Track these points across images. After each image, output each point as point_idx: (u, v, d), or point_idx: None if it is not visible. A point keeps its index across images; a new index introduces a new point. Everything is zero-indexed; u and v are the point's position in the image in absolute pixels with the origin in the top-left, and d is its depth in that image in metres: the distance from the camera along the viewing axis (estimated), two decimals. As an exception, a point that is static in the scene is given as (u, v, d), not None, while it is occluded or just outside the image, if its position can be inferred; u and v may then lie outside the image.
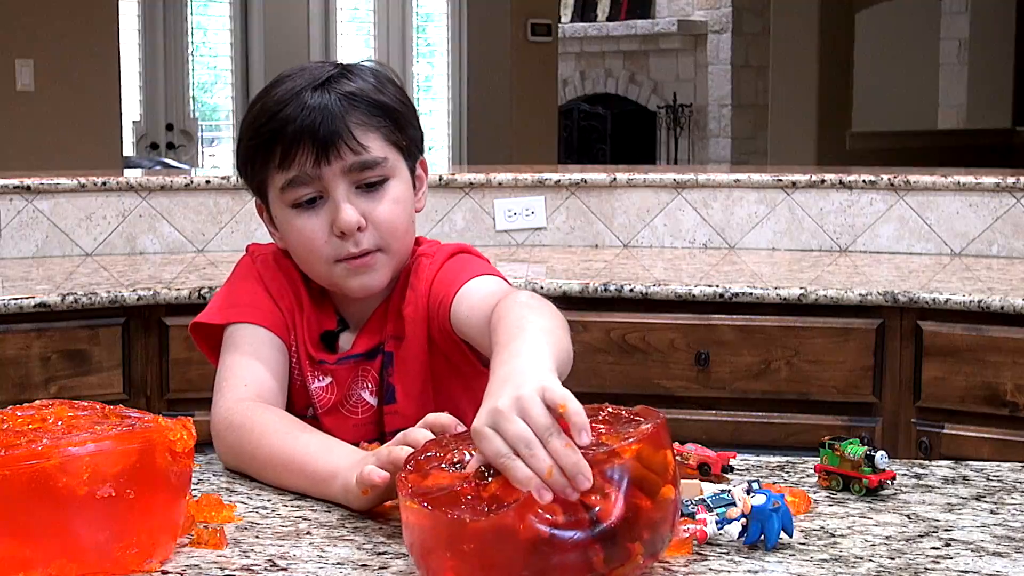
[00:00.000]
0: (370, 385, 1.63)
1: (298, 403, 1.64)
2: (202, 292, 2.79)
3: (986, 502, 1.39)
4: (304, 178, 1.55)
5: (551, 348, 1.29)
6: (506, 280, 1.64)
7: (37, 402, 1.25)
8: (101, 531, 1.14)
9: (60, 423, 1.19)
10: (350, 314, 1.66)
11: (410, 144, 1.62)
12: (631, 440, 1.13)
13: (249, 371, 1.56)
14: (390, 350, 1.62)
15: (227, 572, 1.18)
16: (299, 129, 1.53)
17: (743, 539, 1.23)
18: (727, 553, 1.22)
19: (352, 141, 1.54)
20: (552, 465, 1.08)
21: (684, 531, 1.22)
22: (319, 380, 1.64)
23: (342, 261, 1.57)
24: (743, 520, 1.23)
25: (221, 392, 1.55)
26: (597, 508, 1.08)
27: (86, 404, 1.25)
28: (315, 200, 1.57)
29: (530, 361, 1.22)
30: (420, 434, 1.27)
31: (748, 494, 1.25)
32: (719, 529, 1.24)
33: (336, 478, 1.34)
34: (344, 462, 1.35)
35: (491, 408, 1.12)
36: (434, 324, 1.60)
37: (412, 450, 1.23)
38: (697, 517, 1.26)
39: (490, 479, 1.11)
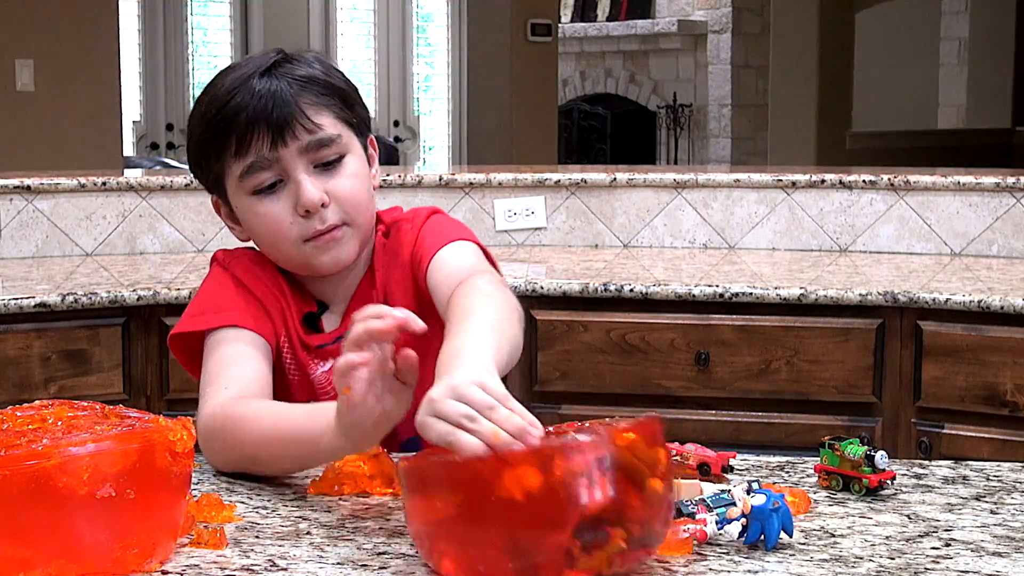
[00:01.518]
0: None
1: (299, 398, 1.63)
2: (202, 292, 2.79)
3: (986, 502, 1.39)
4: (262, 162, 1.57)
5: (494, 343, 1.31)
6: (478, 243, 1.65)
7: (37, 402, 1.25)
8: (101, 531, 1.14)
9: (60, 423, 1.19)
10: (328, 295, 1.67)
11: (360, 122, 1.64)
12: (622, 428, 1.14)
13: (229, 373, 1.55)
14: None
15: (227, 572, 1.18)
16: (252, 115, 1.55)
17: (743, 539, 1.23)
18: (727, 553, 1.22)
19: (306, 120, 1.56)
20: (497, 430, 1.11)
21: (684, 531, 1.22)
22: (321, 366, 1.64)
23: (310, 240, 1.59)
24: (743, 520, 1.23)
25: (204, 398, 1.54)
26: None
27: (86, 404, 1.25)
28: (275, 184, 1.58)
29: (470, 359, 1.24)
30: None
31: (748, 494, 1.25)
32: (719, 529, 1.24)
33: (329, 429, 1.31)
34: (334, 412, 1.33)
35: (427, 399, 1.16)
36: (419, 286, 1.63)
37: (373, 326, 1.21)
38: (697, 517, 1.26)
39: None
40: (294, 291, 1.66)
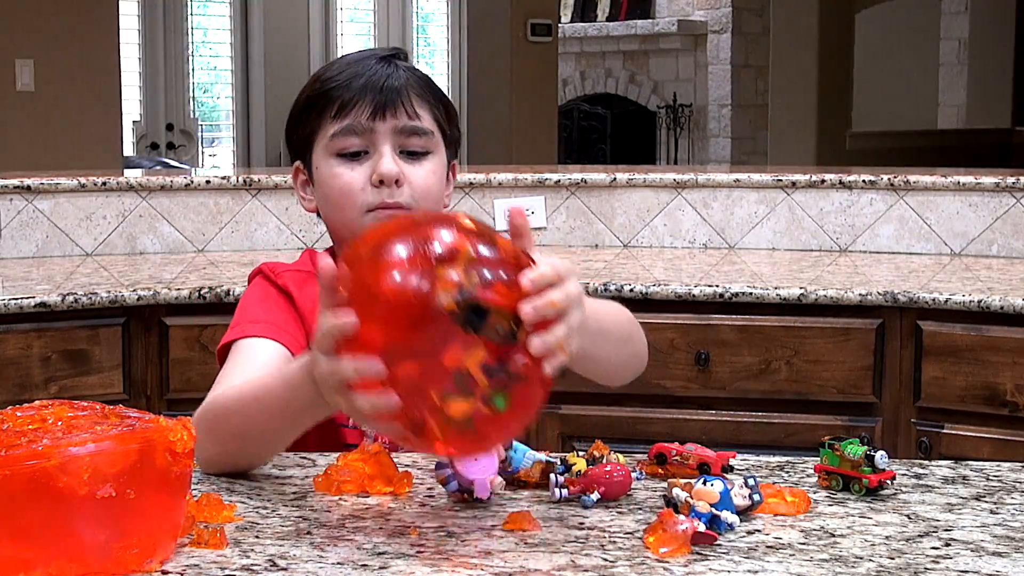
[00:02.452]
0: None
1: (340, 415, 1.59)
2: (202, 292, 2.79)
3: (986, 502, 1.39)
4: (357, 127, 1.64)
5: None
6: None
7: (37, 402, 1.25)
8: (101, 531, 1.14)
9: (60, 423, 1.19)
10: None
11: (454, 138, 1.73)
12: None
13: (235, 372, 1.56)
14: None
15: (227, 572, 1.18)
16: (365, 84, 1.64)
17: (719, 527, 1.25)
18: (727, 553, 1.23)
19: (409, 106, 1.65)
20: None
21: (681, 529, 1.23)
22: None
23: (374, 211, 1.64)
24: (716, 510, 1.25)
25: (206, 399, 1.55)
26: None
27: (86, 404, 1.25)
28: (360, 154, 1.65)
29: None
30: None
31: (706, 484, 1.27)
32: (709, 525, 1.25)
33: (309, 372, 1.30)
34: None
35: None
36: None
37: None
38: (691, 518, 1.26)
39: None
40: None
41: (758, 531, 1.29)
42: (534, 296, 1.19)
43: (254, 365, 1.57)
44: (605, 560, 1.21)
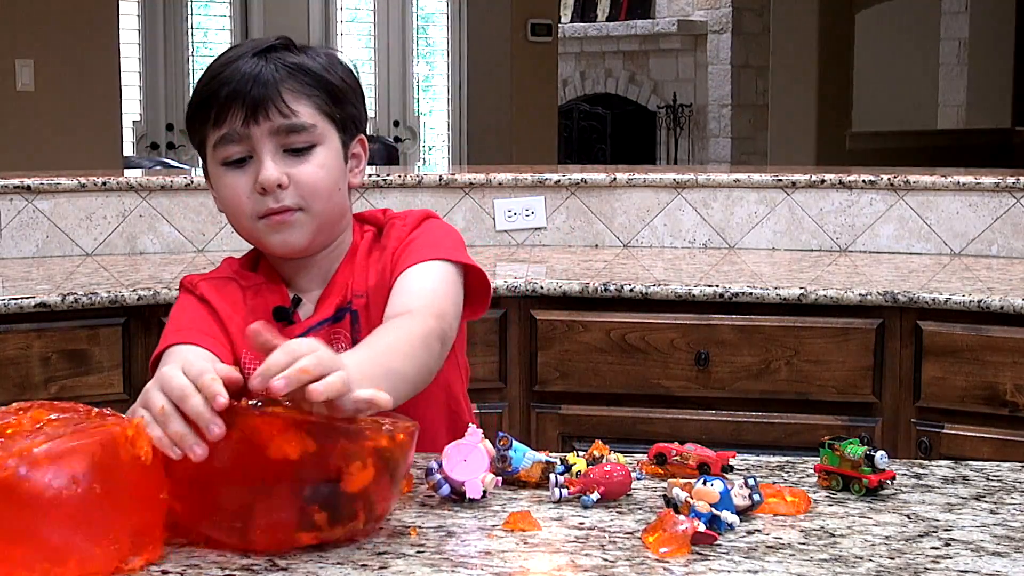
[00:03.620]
0: (344, 345, 1.65)
1: None
2: (202, 292, 2.79)
3: (986, 502, 1.39)
4: (234, 135, 1.62)
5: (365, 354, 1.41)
6: (461, 260, 1.67)
7: (14, 404, 1.25)
8: (76, 531, 1.14)
9: (38, 426, 1.18)
10: (300, 285, 1.71)
11: (346, 119, 1.68)
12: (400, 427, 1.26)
13: None
14: (356, 308, 1.67)
15: (227, 572, 1.18)
16: (232, 90, 1.61)
17: (719, 527, 1.25)
18: (727, 553, 1.23)
19: (282, 105, 1.61)
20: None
21: (681, 529, 1.23)
22: None
23: (263, 217, 1.64)
24: (716, 510, 1.25)
25: None
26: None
27: (67, 406, 1.24)
28: (244, 160, 1.64)
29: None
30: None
31: (706, 484, 1.27)
32: (709, 525, 1.25)
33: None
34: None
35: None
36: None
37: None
38: (690, 518, 1.26)
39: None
40: (268, 291, 1.70)
41: (758, 531, 1.29)
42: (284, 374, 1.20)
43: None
44: (605, 560, 1.21)
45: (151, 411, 1.21)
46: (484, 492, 1.36)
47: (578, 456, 1.44)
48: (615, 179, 3.50)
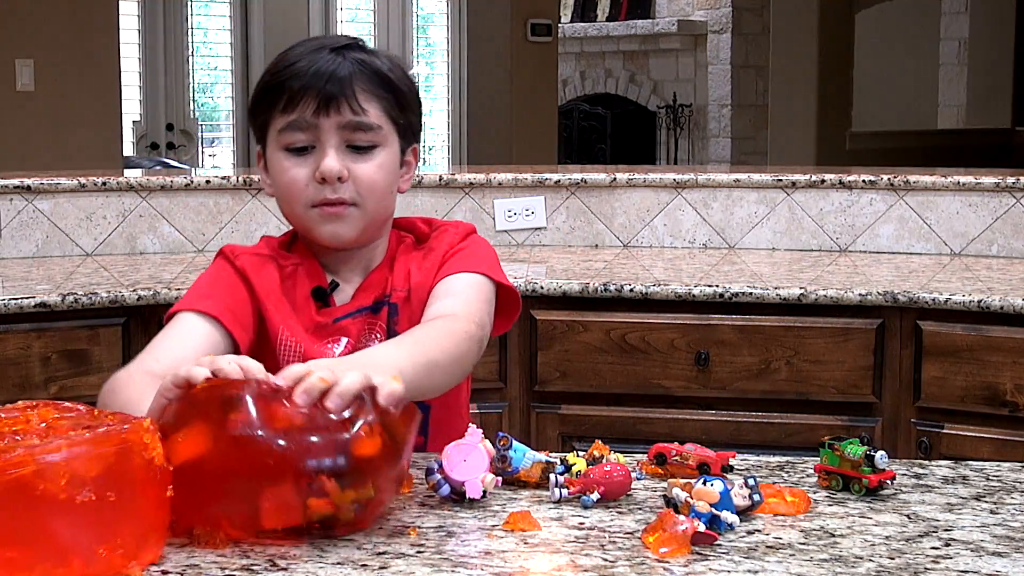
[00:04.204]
0: (379, 335, 1.70)
1: None
2: (202, 292, 2.79)
3: (986, 502, 1.39)
4: (302, 123, 1.66)
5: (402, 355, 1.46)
6: (496, 278, 1.72)
7: (21, 403, 1.25)
8: (84, 535, 1.14)
9: (44, 424, 1.19)
10: (341, 274, 1.75)
11: (407, 126, 1.73)
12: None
13: (167, 349, 1.61)
14: (395, 302, 1.72)
15: (227, 572, 1.18)
16: (308, 80, 1.65)
17: (719, 527, 1.25)
18: (727, 553, 1.23)
19: (354, 102, 1.66)
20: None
21: (681, 529, 1.23)
22: (336, 345, 1.69)
23: (317, 207, 1.68)
24: (716, 510, 1.25)
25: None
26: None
27: (71, 405, 1.24)
28: (306, 149, 1.68)
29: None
30: (252, 364, 1.29)
31: (706, 484, 1.27)
32: (709, 525, 1.25)
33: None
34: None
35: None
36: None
37: (207, 373, 1.27)
38: (690, 518, 1.26)
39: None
40: (305, 273, 1.73)
41: (758, 531, 1.29)
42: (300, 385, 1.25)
43: (181, 343, 1.61)
44: (605, 560, 1.21)
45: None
46: (484, 492, 1.36)
47: (578, 456, 1.44)
48: (615, 179, 3.50)
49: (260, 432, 1.21)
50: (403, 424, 1.27)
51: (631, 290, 2.85)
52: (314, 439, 1.21)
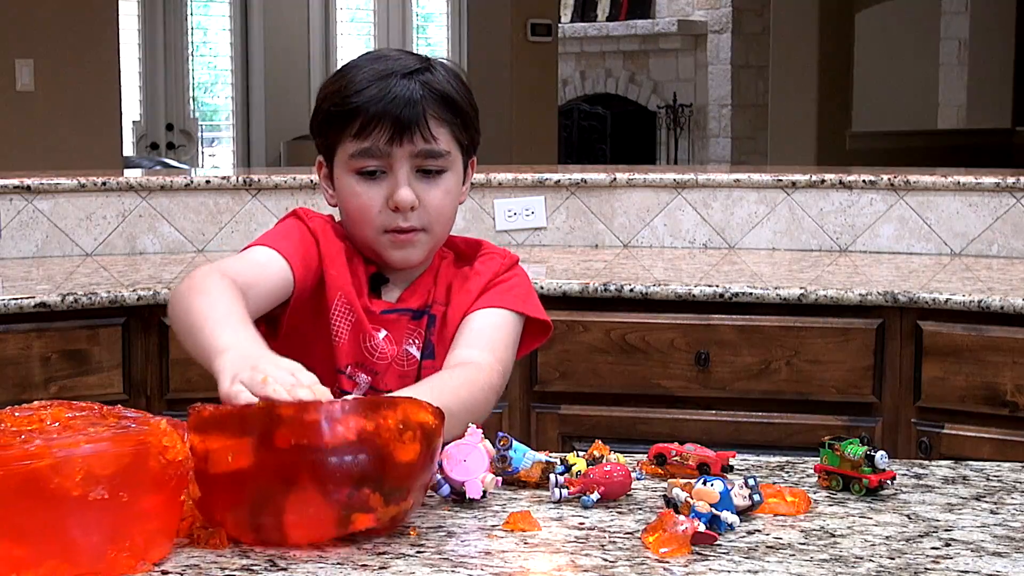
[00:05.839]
0: (416, 342, 1.76)
1: (340, 360, 1.72)
2: (202, 292, 2.79)
3: (986, 502, 1.39)
4: (375, 151, 1.70)
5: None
6: (531, 309, 1.78)
7: (36, 403, 1.25)
8: (94, 533, 1.14)
9: (57, 424, 1.19)
10: (389, 275, 1.79)
11: (470, 143, 1.78)
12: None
13: (242, 268, 1.65)
14: (435, 313, 1.76)
15: (227, 572, 1.18)
16: (382, 109, 1.68)
17: (719, 527, 1.25)
18: (727, 553, 1.23)
19: (426, 131, 1.70)
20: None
21: (681, 529, 1.23)
22: (381, 331, 1.74)
23: (389, 232, 1.72)
24: (716, 510, 1.25)
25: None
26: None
27: (84, 405, 1.25)
28: (377, 173, 1.71)
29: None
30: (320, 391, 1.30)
31: (706, 484, 1.27)
32: (709, 525, 1.25)
33: (216, 356, 1.40)
34: (226, 342, 1.42)
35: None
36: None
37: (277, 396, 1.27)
38: (690, 518, 1.26)
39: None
40: (359, 260, 1.77)
41: (758, 531, 1.29)
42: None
43: (260, 269, 1.67)
44: (605, 560, 1.21)
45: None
46: (484, 492, 1.36)
47: (578, 456, 1.44)
48: (615, 179, 3.50)
49: (305, 443, 1.20)
50: (438, 433, 1.28)
51: (631, 290, 2.85)
52: (360, 455, 1.21)
